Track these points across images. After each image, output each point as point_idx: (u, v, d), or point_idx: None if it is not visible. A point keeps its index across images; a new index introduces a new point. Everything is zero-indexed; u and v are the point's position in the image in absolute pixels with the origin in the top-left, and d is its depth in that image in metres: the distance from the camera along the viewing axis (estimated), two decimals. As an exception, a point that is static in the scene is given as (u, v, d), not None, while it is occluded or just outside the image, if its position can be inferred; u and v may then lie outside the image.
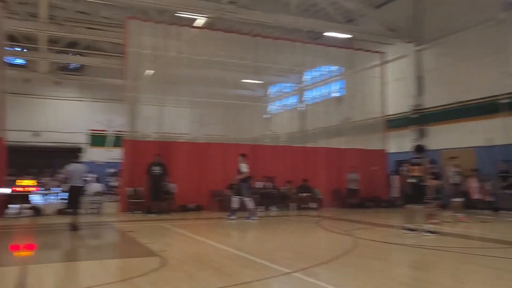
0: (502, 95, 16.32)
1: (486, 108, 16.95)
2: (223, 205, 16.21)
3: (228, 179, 16.61)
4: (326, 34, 19.62)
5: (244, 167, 13.61)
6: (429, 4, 19.69)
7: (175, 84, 17.17)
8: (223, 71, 18.26)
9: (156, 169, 14.71)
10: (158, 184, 14.73)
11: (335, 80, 22.96)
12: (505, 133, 16.35)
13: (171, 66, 17.19)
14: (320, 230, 11.47)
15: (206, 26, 18.09)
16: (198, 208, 16.10)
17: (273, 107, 25.40)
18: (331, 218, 14.32)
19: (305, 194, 17.47)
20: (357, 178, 18.40)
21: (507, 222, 13.53)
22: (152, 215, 14.33)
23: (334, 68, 22.55)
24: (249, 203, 13.58)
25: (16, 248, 9.13)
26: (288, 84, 23.59)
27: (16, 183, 14.59)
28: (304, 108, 22.11)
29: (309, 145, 19.29)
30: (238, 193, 13.68)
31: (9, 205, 14.32)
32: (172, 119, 16.93)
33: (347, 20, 20.30)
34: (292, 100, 24.24)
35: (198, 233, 10.44)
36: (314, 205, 17.33)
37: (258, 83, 21.65)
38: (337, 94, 22.18)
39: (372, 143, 19.99)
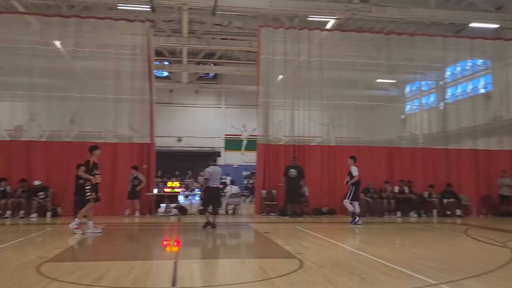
0: None
1: None
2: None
3: (363, 183, 16.21)
4: (471, 25, 17.91)
5: (355, 170, 13.20)
6: None
7: (306, 87, 17.30)
8: (354, 72, 17.86)
9: (293, 172, 14.96)
10: (294, 186, 14.95)
11: (481, 75, 20.83)
12: None
13: (302, 70, 17.38)
14: (468, 240, 10.45)
15: (336, 28, 17.90)
16: (332, 212, 15.96)
17: (410, 106, 24.01)
18: (480, 227, 12.98)
19: (449, 200, 16.13)
20: (510, 183, 16.39)
21: None
22: (286, 217, 14.61)
23: (479, 62, 20.49)
24: (356, 207, 13.17)
25: (167, 243, 10.06)
26: (426, 82, 22.07)
27: (167, 185, 16.13)
28: (444, 107, 20.46)
29: (451, 146, 17.76)
30: (350, 197, 13.22)
31: (160, 204, 15.94)
32: (303, 122, 17.08)
33: (495, 8, 18.28)
34: (431, 99, 22.62)
35: (333, 237, 10.31)
36: (459, 212, 15.91)
37: (392, 82, 20.67)
38: (484, 90, 20.08)
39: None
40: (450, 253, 8.70)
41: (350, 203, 13.20)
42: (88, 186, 10.25)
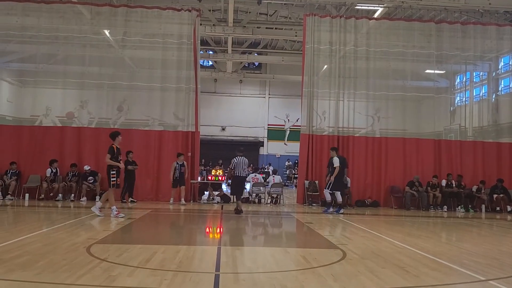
0: None
1: None
2: (401, 202, 15.62)
3: (408, 176, 15.92)
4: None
5: (336, 161, 13.13)
6: None
7: (352, 78, 17.03)
8: (402, 62, 17.41)
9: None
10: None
11: (538, 66, 19.80)
12: None
13: (348, 60, 17.10)
14: (519, 237, 10.07)
15: (384, 17, 17.47)
16: (375, 204, 15.76)
17: (460, 98, 23.13)
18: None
19: (499, 196, 15.53)
20: None
21: None
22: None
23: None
24: (338, 196, 13.21)
25: (210, 230, 10.29)
26: (477, 73, 21.17)
27: (212, 173, 16.40)
28: (496, 99, 19.59)
29: (504, 140, 17.04)
30: (330, 187, 13.22)
31: (204, 192, 16.26)
32: (348, 113, 16.86)
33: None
34: (482, 90, 21.69)
35: (376, 229, 10.20)
36: (510, 208, 15.30)
37: (441, 73, 19.96)
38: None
39: None
40: (499, 249, 8.41)
41: (330, 193, 13.22)
42: (113, 171, 10.42)
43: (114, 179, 10.42)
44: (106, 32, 16.70)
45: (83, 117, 16.53)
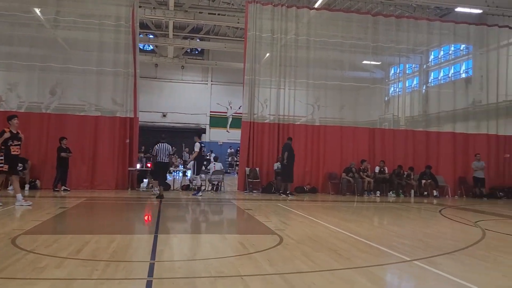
0: None
1: None
2: (338, 188, 16.18)
3: (345, 163, 16.48)
4: (457, 10, 18.01)
5: (197, 147, 14.08)
6: None
7: (293, 66, 17.30)
8: (340, 53, 17.90)
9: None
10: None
11: (463, 60, 21.13)
12: None
13: (289, 49, 17.33)
14: (443, 219, 10.77)
15: (324, 7, 17.82)
16: (313, 190, 16.21)
17: (394, 89, 24.22)
18: (455, 207, 13.38)
19: (426, 181, 16.52)
20: (483, 166, 16.85)
21: None
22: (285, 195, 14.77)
23: (462, 47, 20.73)
24: (198, 180, 14.33)
25: (147, 218, 10.12)
26: (410, 65, 22.27)
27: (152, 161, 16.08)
28: (426, 90, 20.74)
29: (432, 129, 18.11)
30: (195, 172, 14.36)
31: (143, 180, 15.93)
32: (289, 101, 17.13)
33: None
34: (414, 82, 22.86)
35: (314, 214, 10.51)
36: (436, 193, 16.34)
37: (377, 64, 20.78)
38: (465, 75, 20.38)
39: (506, 129, 18.10)
40: (425, 231, 8.96)
41: (199, 176, 14.37)
42: (1, 156, 9.66)
43: (2, 165, 9.67)
44: (37, 10, 15.73)
45: (12, 101, 15.53)
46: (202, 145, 14.37)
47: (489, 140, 17.90)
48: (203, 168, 16.43)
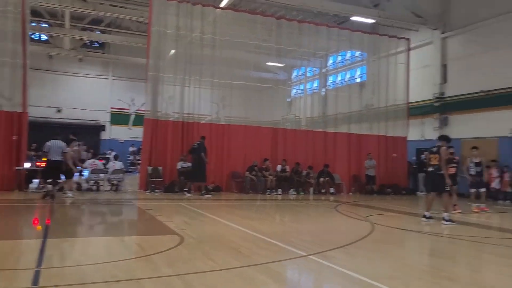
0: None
1: (510, 97, 16.53)
2: (242, 186, 16.39)
3: (248, 161, 16.75)
4: (352, 18, 19.25)
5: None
6: (458, -10, 19.17)
7: (198, 64, 17.16)
8: (245, 53, 18.13)
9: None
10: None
11: (358, 66, 22.67)
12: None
13: (194, 46, 17.17)
14: (338, 215, 11.44)
15: (230, 7, 17.94)
16: (217, 189, 16.23)
17: (296, 90, 25.24)
18: (349, 204, 14.29)
19: (324, 179, 17.42)
20: (374, 165, 18.25)
21: (529, 215, 13.28)
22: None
23: (357, 53, 22.24)
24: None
25: (37, 221, 9.35)
26: (310, 68, 23.35)
27: (42, 159, 14.87)
28: (325, 93, 21.92)
29: (330, 130, 19.17)
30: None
31: (32, 180, 14.66)
32: (194, 99, 16.97)
33: (373, 5, 19.88)
34: (314, 85, 24.03)
35: (217, 213, 10.53)
36: (332, 190, 17.31)
37: (280, 66, 21.48)
38: (360, 80, 21.89)
39: (393, 130, 19.76)
40: (321, 227, 9.46)
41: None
42: None
43: None
44: None
45: None
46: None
47: (379, 140, 19.40)
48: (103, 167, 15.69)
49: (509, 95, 16.65)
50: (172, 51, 17.40)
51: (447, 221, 9.72)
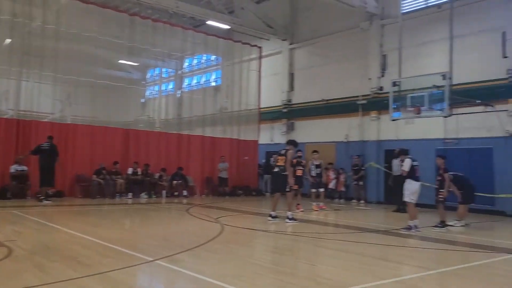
0: (361, 96, 18.00)
1: (346, 107, 18.56)
2: (88, 191, 15.30)
3: (95, 164, 15.75)
4: (208, 22, 19.50)
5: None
6: (304, 6, 20.88)
7: (38, 57, 15.49)
8: (95, 48, 16.92)
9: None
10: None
11: (213, 70, 23.09)
12: (360, 131, 18.14)
13: (34, 37, 15.50)
14: (189, 218, 11.40)
15: (78, -2, 16.64)
16: (59, 194, 14.81)
17: (150, 91, 24.59)
18: (202, 206, 14.37)
19: (177, 182, 17.26)
20: (227, 167, 18.76)
21: (356, 210, 15.02)
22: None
23: (213, 57, 22.64)
24: None
25: None
26: (166, 69, 23.02)
27: None
28: (181, 95, 21.80)
29: (184, 132, 19.09)
30: None
31: None
32: (32, 95, 15.27)
33: (228, 11, 20.47)
34: (170, 86, 23.72)
35: (55, 220, 9.62)
36: (185, 192, 17.25)
37: (134, 65, 20.67)
38: (215, 84, 22.31)
39: (245, 134, 20.57)
40: (172, 230, 9.31)
41: None
42: None
43: None
44: None
45: None
46: None
47: (232, 143, 20.00)
48: None
49: (345, 104, 18.65)
50: (8, 40, 15.46)
51: (290, 219, 10.41)
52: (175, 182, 17.23)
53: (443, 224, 10.23)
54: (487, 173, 14.28)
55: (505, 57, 14.21)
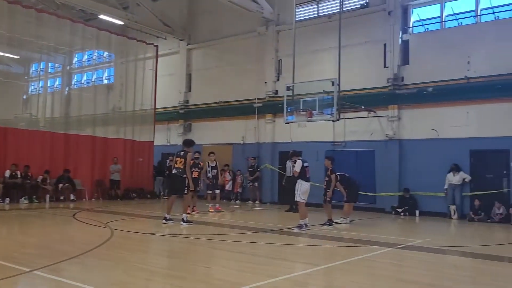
0: (257, 99, 18.43)
1: (243, 109, 18.88)
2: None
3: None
4: (100, 17, 18.46)
5: None
6: (203, 7, 20.82)
7: None
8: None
9: None
10: None
11: (105, 67, 21.94)
12: (256, 133, 18.58)
13: None
14: (76, 223, 10.62)
15: None
16: None
17: (34, 87, 22.52)
18: (91, 210, 13.52)
19: (64, 185, 16.04)
20: (119, 169, 17.92)
21: (252, 211, 15.32)
22: None
23: (105, 54, 21.51)
24: None
25: None
26: (52, 64, 21.29)
27: None
28: (69, 92, 20.30)
29: (73, 132, 17.78)
30: None
31: None
32: None
33: (123, 7, 19.60)
34: (57, 82, 21.98)
35: None
36: (73, 196, 16.12)
37: (14, 57, 18.76)
38: (107, 82, 21.19)
39: (140, 135, 19.85)
40: (55, 237, 8.58)
41: None
42: None
43: None
44: None
45: None
46: None
47: (125, 144, 19.14)
48: None
49: (241, 106, 18.94)
50: None
51: (185, 222, 10.22)
52: (61, 185, 15.99)
53: (330, 222, 10.84)
54: (370, 174, 15.49)
55: (386, 67, 15.57)
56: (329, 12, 17.01)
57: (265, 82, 18.39)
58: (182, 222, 10.19)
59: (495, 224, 12.53)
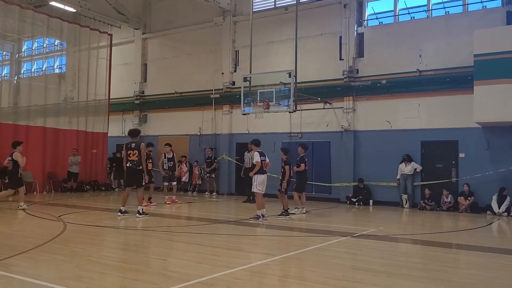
0: (214, 90, 18.35)
1: (200, 100, 18.76)
2: None
3: None
4: (51, 3, 17.68)
5: None
6: (159, -5, 20.40)
7: None
8: None
9: None
10: None
11: (57, 55, 21.11)
12: (213, 124, 18.53)
13: None
14: (27, 217, 10.24)
15: None
16: None
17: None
18: (43, 203, 13.10)
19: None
20: (78, 161, 17.40)
21: (209, 202, 15.32)
22: None
23: (56, 42, 20.68)
24: None
25: None
26: (0, 52, 20.26)
27: None
28: (18, 81, 19.37)
29: (22, 123, 17.01)
30: None
31: None
32: None
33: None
34: (5, 71, 20.94)
35: None
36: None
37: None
38: (59, 71, 20.40)
39: (94, 126, 19.30)
40: (4, 231, 8.25)
41: None
42: None
43: None
44: None
45: None
46: None
47: (78, 136, 18.54)
48: None
49: (196, 97, 18.81)
50: None
51: (141, 214, 10.09)
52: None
53: (286, 212, 11.01)
54: (325, 165, 15.83)
55: (341, 59, 15.88)
56: (286, 4, 17.13)
57: (222, 73, 18.32)
58: (138, 215, 10.06)
59: (443, 212, 13.14)
